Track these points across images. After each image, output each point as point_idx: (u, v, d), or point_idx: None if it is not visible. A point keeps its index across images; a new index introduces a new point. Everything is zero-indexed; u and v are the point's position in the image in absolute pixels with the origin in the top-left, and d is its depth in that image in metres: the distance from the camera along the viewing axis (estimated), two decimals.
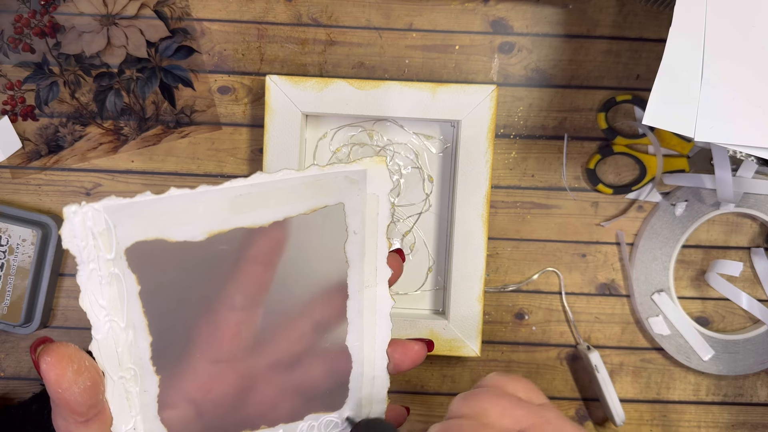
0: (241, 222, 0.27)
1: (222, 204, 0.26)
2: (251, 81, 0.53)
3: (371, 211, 0.31)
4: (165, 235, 0.26)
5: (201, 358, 0.28)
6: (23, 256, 0.52)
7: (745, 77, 0.40)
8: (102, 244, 0.24)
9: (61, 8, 0.52)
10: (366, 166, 0.30)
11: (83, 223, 0.24)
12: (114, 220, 0.24)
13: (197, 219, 0.26)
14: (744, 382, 0.56)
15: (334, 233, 0.30)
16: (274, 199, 0.28)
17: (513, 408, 0.28)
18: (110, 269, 0.25)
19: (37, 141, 0.53)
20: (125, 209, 0.24)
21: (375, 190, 0.30)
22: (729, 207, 0.53)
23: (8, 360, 0.54)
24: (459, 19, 0.53)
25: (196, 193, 0.26)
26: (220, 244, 0.27)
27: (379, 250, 0.31)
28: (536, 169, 0.54)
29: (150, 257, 0.25)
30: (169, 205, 0.25)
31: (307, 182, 0.28)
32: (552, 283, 0.55)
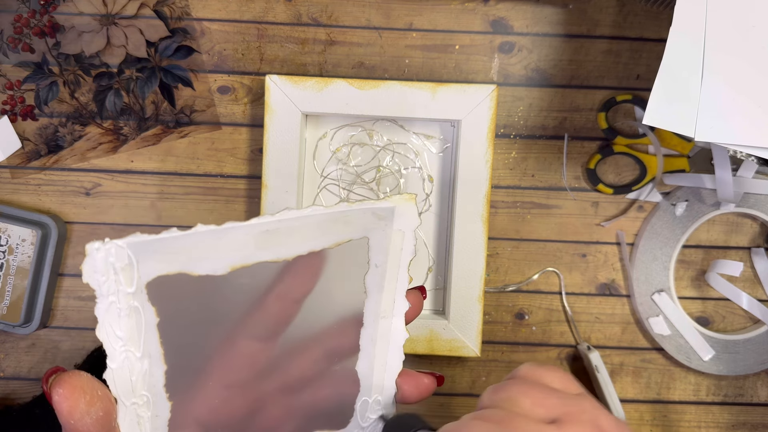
0: (264, 256, 0.27)
1: (247, 239, 0.26)
2: (251, 81, 0.53)
3: (395, 246, 0.30)
4: (187, 269, 0.25)
5: (214, 383, 0.28)
6: (23, 256, 0.52)
7: (745, 77, 0.40)
8: (123, 278, 0.24)
9: (60, 8, 0.52)
10: (395, 204, 0.29)
11: (105, 259, 0.23)
12: (137, 255, 0.24)
13: (221, 254, 0.26)
14: (744, 383, 0.56)
15: (355, 265, 0.30)
16: (300, 233, 0.27)
17: (546, 397, 0.27)
18: (130, 302, 0.24)
19: (37, 141, 0.53)
20: (149, 245, 0.24)
21: (401, 226, 0.30)
22: (729, 207, 0.53)
23: (8, 360, 0.54)
24: (459, 18, 0.53)
25: (222, 229, 0.25)
26: (242, 277, 0.27)
27: (399, 283, 0.31)
28: (536, 169, 0.54)
29: (171, 290, 0.25)
30: (194, 241, 0.25)
31: (334, 218, 0.28)
32: (552, 283, 0.55)
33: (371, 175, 0.54)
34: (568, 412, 0.26)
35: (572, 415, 0.26)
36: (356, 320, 0.30)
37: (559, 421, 0.26)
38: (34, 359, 0.54)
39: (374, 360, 0.31)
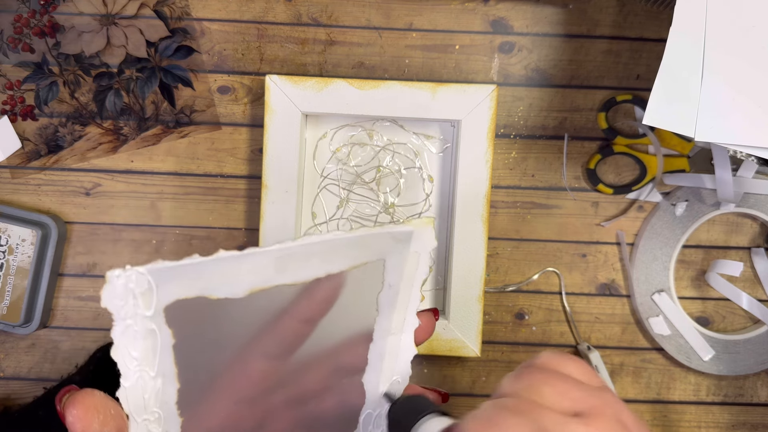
0: (283, 280, 0.27)
1: (267, 263, 0.26)
2: (251, 81, 0.53)
3: (410, 267, 0.30)
4: (206, 293, 0.25)
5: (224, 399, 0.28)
6: (23, 256, 0.52)
7: (745, 77, 0.40)
8: (142, 302, 0.24)
9: (60, 8, 0.52)
10: (414, 227, 0.29)
11: (125, 285, 0.23)
12: (157, 281, 0.24)
13: (240, 278, 0.26)
14: (744, 383, 0.56)
15: (369, 285, 0.30)
16: (319, 257, 0.27)
17: (570, 389, 0.26)
18: (147, 325, 0.24)
19: (37, 141, 0.53)
20: (170, 271, 0.24)
21: (418, 248, 0.30)
22: (729, 207, 0.53)
23: (8, 360, 0.54)
24: (459, 18, 0.53)
25: (244, 254, 0.25)
26: (259, 300, 0.27)
27: (411, 302, 0.31)
28: (536, 169, 0.54)
29: (188, 312, 0.25)
30: (215, 266, 0.25)
31: (353, 242, 0.28)
32: (552, 283, 0.55)
33: (371, 175, 0.54)
34: (593, 406, 0.25)
35: (596, 408, 0.25)
36: (366, 336, 0.31)
37: (584, 414, 0.25)
38: (34, 359, 0.54)
39: (381, 374, 0.31)
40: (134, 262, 0.54)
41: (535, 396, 0.26)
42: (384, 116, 0.51)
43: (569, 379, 0.27)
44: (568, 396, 0.26)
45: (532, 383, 0.26)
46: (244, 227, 0.54)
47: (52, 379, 0.54)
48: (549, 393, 0.26)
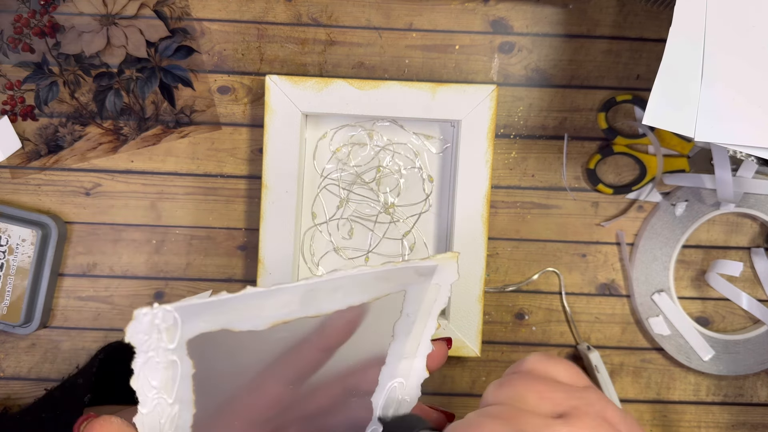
0: (306, 313, 0.27)
1: (293, 298, 0.26)
2: (251, 81, 0.53)
3: (429, 298, 0.31)
4: (230, 326, 0.25)
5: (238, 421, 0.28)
6: (23, 256, 0.52)
7: (745, 77, 0.40)
8: (166, 336, 0.24)
9: (60, 8, 0.52)
10: (439, 262, 0.29)
11: (151, 322, 0.23)
12: (183, 317, 0.24)
13: (265, 312, 0.26)
14: (744, 383, 0.56)
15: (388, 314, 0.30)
16: (343, 291, 0.28)
17: (552, 391, 0.26)
18: (169, 357, 0.24)
19: (37, 141, 0.53)
20: (196, 308, 0.24)
21: (440, 280, 0.30)
22: (729, 207, 0.53)
23: (8, 360, 0.54)
24: (459, 18, 0.53)
25: (270, 291, 0.25)
26: (281, 332, 0.27)
27: (426, 329, 0.31)
28: (536, 169, 0.54)
29: (210, 344, 0.25)
30: (241, 303, 0.25)
31: (377, 276, 0.28)
32: (552, 283, 0.55)
33: (371, 175, 0.54)
34: (575, 406, 0.26)
35: (579, 408, 0.25)
36: (379, 360, 0.31)
37: (566, 415, 0.25)
38: (34, 359, 0.54)
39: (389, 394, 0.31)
40: (134, 261, 0.54)
41: (518, 403, 0.26)
42: (384, 116, 0.51)
43: (552, 381, 0.27)
44: (550, 399, 0.26)
45: (516, 390, 0.27)
46: (244, 227, 0.54)
47: (53, 379, 0.54)
48: (532, 398, 0.26)
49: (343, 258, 0.54)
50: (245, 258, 0.54)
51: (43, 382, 0.54)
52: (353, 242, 0.54)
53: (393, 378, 0.31)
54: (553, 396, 0.26)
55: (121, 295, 0.54)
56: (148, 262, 0.54)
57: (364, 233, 0.54)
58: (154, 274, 0.54)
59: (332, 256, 0.54)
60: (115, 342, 0.53)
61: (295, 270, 0.52)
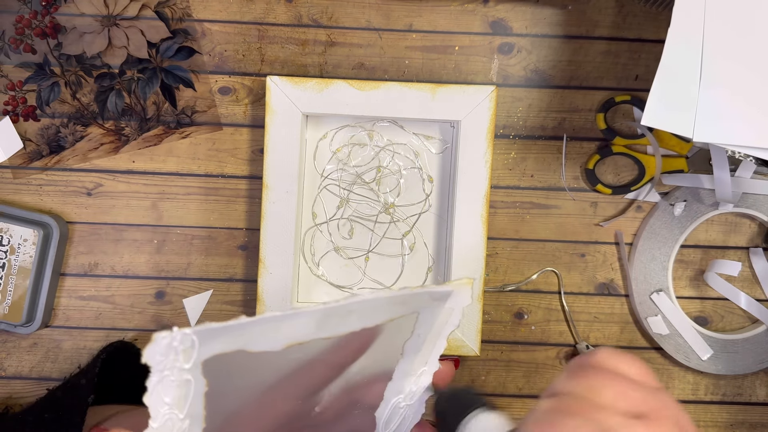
0: (321, 334, 0.27)
1: (309, 321, 0.27)
2: (252, 82, 0.54)
3: (441, 320, 0.31)
4: (246, 347, 0.26)
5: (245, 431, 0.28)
6: (24, 256, 0.52)
7: (743, 78, 0.40)
8: (182, 357, 0.24)
9: (62, 9, 0.53)
10: (454, 288, 0.30)
11: (170, 344, 0.24)
12: (200, 339, 0.24)
13: (281, 334, 0.26)
14: (743, 382, 0.56)
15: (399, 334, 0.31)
16: (358, 313, 0.28)
17: (629, 390, 0.25)
18: (183, 376, 0.25)
19: (39, 141, 0.54)
20: (215, 331, 0.24)
21: (453, 304, 0.30)
22: (727, 207, 0.53)
23: (9, 360, 0.55)
24: (459, 20, 0.53)
25: (288, 315, 0.26)
26: (295, 352, 0.27)
27: (435, 349, 0.31)
28: (535, 169, 0.54)
29: (225, 364, 0.26)
30: (259, 326, 0.25)
31: (393, 300, 0.28)
32: (551, 282, 0.55)
33: (371, 176, 0.54)
34: (652, 408, 0.25)
35: (656, 410, 0.25)
36: (386, 376, 0.31)
37: (644, 416, 0.25)
38: (35, 359, 0.55)
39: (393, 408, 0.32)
40: (135, 261, 0.54)
41: (594, 396, 0.25)
42: (384, 117, 0.51)
43: (627, 379, 0.26)
44: (627, 397, 0.25)
45: (591, 383, 0.26)
46: (245, 227, 0.54)
47: (54, 378, 0.55)
48: (608, 394, 0.25)
49: (344, 257, 0.54)
50: (246, 258, 0.54)
51: (44, 381, 0.55)
52: (353, 242, 0.54)
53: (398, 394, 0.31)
54: (631, 395, 0.25)
55: (122, 295, 0.54)
56: (149, 262, 0.54)
57: (364, 233, 0.54)
58: (155, 273, 0.54)
59: (332, 255, 0.54)
60: (116, 341, 0.53)
61: (295, 270, 0.52)
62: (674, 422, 0.25)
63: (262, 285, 0.51)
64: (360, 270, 0.54)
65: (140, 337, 0.55)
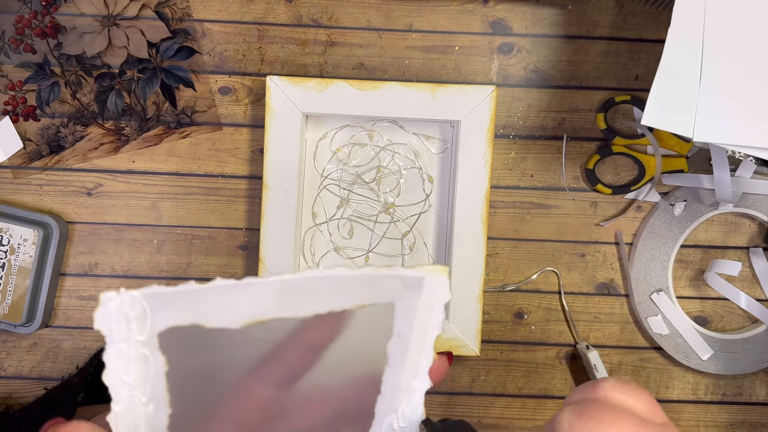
0: (282, 313, 0.27)
1: (265, 295, 0.26)
2: (252, 82, 0.54)
3: (422, 319, 0.30)
4: (201, 321, 0.25)
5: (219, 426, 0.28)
6: (24, 256, 0.52)
7: (743, 78, 0.40)
8: (135, 327, 0.24)
9: (62, 9, 0.53)
10: (424, 274, 0.28)
11: (119, 308, 0.23)
12: (151, 306, 0.24)
13: (237, 308, 0.26)
14: (743, 382, 0.56)
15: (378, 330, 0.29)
16: (321, 292, 0.27)
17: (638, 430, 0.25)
18: (140, 350, 0.24)
19: (39, 141, 0.54)
20: (165, 297, 0.24)
21: (430, 299, 0.29)
22: (727, 207, 0.53)
23: (9, 359, 0.55)
24: (459, 19, 0.53)
25: (241, 284, 0.25)
26: (258, 332, 0.27)
27: (422, 359, 0.30)
28: (535, 169, 0.54)
29: (182, 340, 0.25)
30: (211, 294, 0.25)
31: (358, 280, 0.27)
32: (551, 282, 0.55)
33: (371, 176, 0.54)
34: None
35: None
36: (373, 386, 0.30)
37: None
38: (35, 359, 0.55)
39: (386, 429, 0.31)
40: (136, 261, 0.54)
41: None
42: (384, 117, 0.51)
43: (636, 419, 0.25)
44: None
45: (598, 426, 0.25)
46: (245, 227, 0.54)
47: (54, 378, 0.55)
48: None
49: (344, 257, 0.54)
50: (246, 258, 0.54)
51: (44, 381, 0.55)
52: (353, 242, 0.54)
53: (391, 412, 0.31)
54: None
55: None
56: (149, 262, 0.54)
57: (364, 233, 0.54)
58: (155, 273, 0.54)
59: (332, 255, 0.54)
60: None
61: (295, 269, 0.52)
62: None
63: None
64: None
65: None
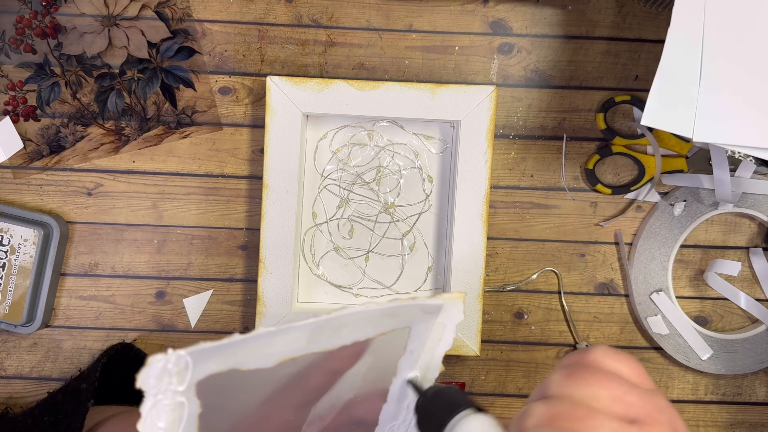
0: (312, 348, 0.27)
1: (301, 336, 0.27)
2: (252, 82, 0.54)
3: (434, 337, 0.31)
4: (239, 365, 0.26)
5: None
6: (25, 256, 0.52)
7: (743, 78, 0.40)
8: (176, 380, 0.24)
9: (62, 9, 0.53)
10: (444, 302, 0.29)
11: (164, 366, 0.24)
12: (195, 360, 0.24)
13: (273, 350, 0.26)
14: (742, 382, 0.56)
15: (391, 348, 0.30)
16: (349, 327, 0.28)
17: (626, 393, 0.25)
18: (177, 399, 0.25)
19: (39, 141, 0.54)
20: (209, 351, 0.24)
21: (444, 320, 0.30)
22: (727, 207, 0.53)
23: (10, 359, 0.55)
24: (458, 20, 0.53)
25: (280, 330, 0.26)
26: (288, 367, 0.27)
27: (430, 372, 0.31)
28: (535, 169, 0.54)
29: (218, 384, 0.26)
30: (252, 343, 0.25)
31: (384, 312, 0.28)
32: (551, 282, 0.55)
33: (371, 176, 0.54)
34: (648, 413, 0.24)
35: (651, 415, 0.24)
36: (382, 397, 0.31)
37: (639, 421, 0.24)
38: (36, 358, 0.55)
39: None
40: (136, 261, 0.54)
41: (589, 399, 0.25)
42: (384, 117, 0.51)
43: (624, 381, 0.25)
44: (623, 402, 0.25)
45: (588, 386, 0.25)
46: (245, 227, 0.54)
47: (54, 378, 0.55)
48: (603, 397, 0.25)
49: (344, 257, 0.54)
50: (246, 257, 0.55)
51: (44, 381, 0.55)
52: (353, 242, 0.54)
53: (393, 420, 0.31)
54: (627, 399, 0.25)
55: (122, 295, 0.54)
56: (149, 262, 0.54)
57: (364, 233, 0.54)
58: (155, 273, 0.54)
59: (332, 255, 0.54)
60: (117, 344, 0.53)
61: (295, 270, 0.52)
62: (670, 427, 0.25)
63: (262, 285, 0.51)
64: (360, 270, 0.54)
65: (140, 338, 0.55)
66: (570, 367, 0.26)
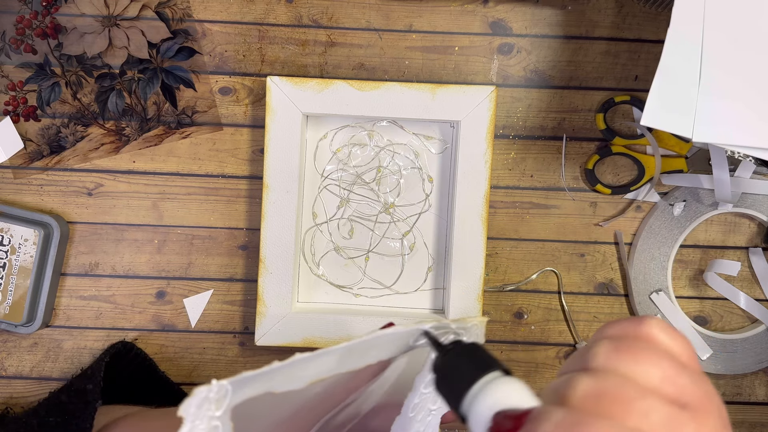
0: (341, 369, 0.28)
1: (332, 359, 0.27)
2: (252, 82, 0.54)
3: None
4: (273, 389, 0.26)
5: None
6: (25, 256, 0.52)
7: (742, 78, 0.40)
8: (215, 406, 0.25)
9: (62, 9, 0.53)
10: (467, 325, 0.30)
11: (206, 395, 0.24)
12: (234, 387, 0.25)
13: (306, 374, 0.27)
14: (742, 382, 0.56)
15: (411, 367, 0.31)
16: (377, 348, 0.29)
17: (678, 375, 0.23)
18: (212, 423, 0.25)
19: (39, 141, 0.54)
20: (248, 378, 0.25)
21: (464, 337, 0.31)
22: (727, 207, 0.53)
23: (10, 359, 0.55)
24: (458, 20, 0.53)
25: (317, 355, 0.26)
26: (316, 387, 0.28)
27: None
28: (535, 169, 0.54)
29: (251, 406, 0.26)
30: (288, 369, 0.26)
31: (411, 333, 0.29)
32: (551, 282, 0.55)
33: (371, 176, 0.54)
34: (698, 398, 0.22)
35: (701, 402, 0.22)
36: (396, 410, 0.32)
37: (689, 407, 0.22)
38: (36, 358, 0.55)
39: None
40: (136, 261, 0.54)
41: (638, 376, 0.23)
42: (384, 117, 0.51)
43: (676, 361, 0.23)
44: (676, 383, 0.23)
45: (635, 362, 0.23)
46: (246, 227, 0.54)
47: (55, 378, 0.55)
48: (654, 376, 0.23)
49: (344, 257, 0.54)
50: (246, 257, 0.55)
51: (45, 381, 0.55)
52: (353, 242, 0.54)
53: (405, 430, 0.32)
54: (678, 380, 0.23)
55: (123, 295, 0.55)
56: (149, 262, 0.54)
57: (364, 233, 0.54)
58: (155, 273, 0.54)
59: (332, 255, 0.54)
60: (118, 343, 0.53)
61: (295, 269, 0.52)
62: (719, 415, 0.23)
63: (262, 285, 0.51)
64: (360, 270, 0.54)
65: (140, 337, 0.55)
66: (619, 340, 0.24)
